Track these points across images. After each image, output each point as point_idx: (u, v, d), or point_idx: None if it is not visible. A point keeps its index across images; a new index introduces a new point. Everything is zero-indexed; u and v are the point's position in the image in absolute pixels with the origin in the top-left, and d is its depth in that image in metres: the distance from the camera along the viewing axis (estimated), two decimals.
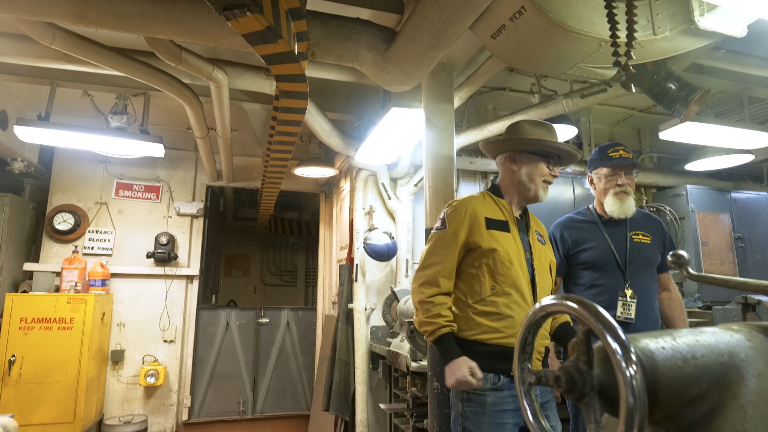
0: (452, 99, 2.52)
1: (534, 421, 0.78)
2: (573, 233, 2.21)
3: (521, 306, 1.67)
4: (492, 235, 1.71)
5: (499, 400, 1.63)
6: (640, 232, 2.16)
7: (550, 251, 1.88)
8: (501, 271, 1.68)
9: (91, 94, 3.72)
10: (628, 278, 2.07)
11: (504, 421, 1.62)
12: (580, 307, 0.71)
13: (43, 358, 3.60)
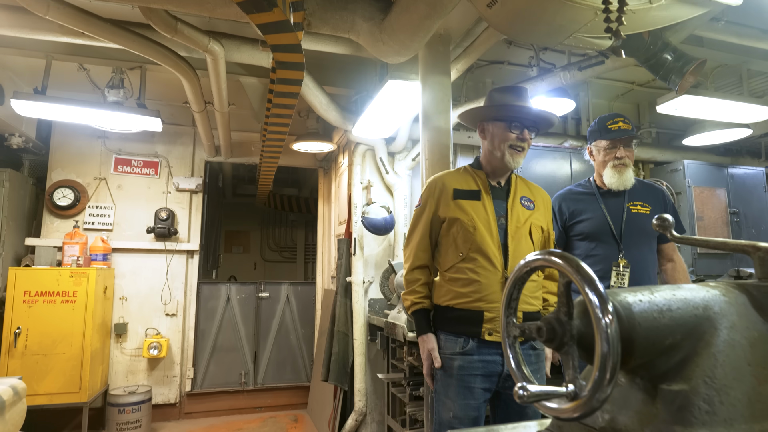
0: (449, 71, 2.51)
1: (517, 370, 0.82)
2: (571, 205, 2.24)
3: (489, 270, 1.70)
4: (458, 205, 1.78)
5: (467, 364, 1.68)
6: (638, 203, 2.16)
7: (542, 216, 1.86)
8: (465, 238, 1.74)
9: (87, 68, 3.70)
10: (623, 248, 2.09)
11: (472, 385, 1.67)
12: (563, 261, 0.75)
13: (48, 330, 3.67)
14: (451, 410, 1.68)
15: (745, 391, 0.72)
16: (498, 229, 1.76)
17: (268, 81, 3.48)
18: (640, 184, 2.23)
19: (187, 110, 4.42)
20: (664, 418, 0.70)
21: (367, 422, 3.59)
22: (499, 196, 1.84)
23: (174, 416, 4.52)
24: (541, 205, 1.89)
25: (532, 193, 1.90)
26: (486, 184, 1.84)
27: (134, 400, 3.94)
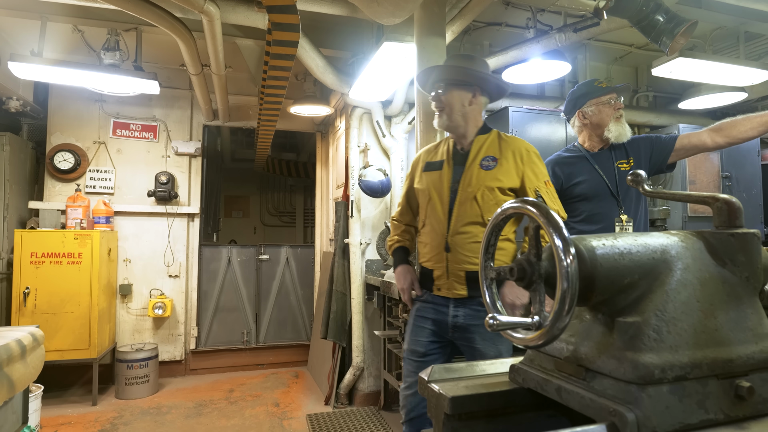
0: (444, 33, 2.51)
1: (492, 306, 0.91)
2: (565, 169, 2.28)
3: (436, 234, 1.91)
4: (423, 177, 2.00)
5: (422, 307, 1.96)
6: (623, 161, 2.23)
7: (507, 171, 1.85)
8: (423, 207, 1.99)
9: (81, 29, 3.67)
10: (622, 204, 2.18)
11: (423, 325, 1.95)
12: (534, 207, 0.82)
13: (56, 290, 3.80)
14: (407, 342, 1.99)
15: (691, 323, 0.81)
16: (450, 195, 1.90)
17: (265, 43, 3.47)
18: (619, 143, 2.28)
19: (184, 73, 4.40)
20: (618, 346, 0.79)
21: (365, 377, 3.77)
22: (460, 161, 1.94)
23: (180, 372, 4.72)
24: (510, 162, 1.87)
25: (500, 149, 1.90)
26: (451, 153, 1.97)
27: (142, 356, 4.11)
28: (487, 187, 1.85)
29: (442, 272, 1.88)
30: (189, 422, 3.52)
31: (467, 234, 1.85)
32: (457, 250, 1.85)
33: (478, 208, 1.84)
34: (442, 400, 0.93)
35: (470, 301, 1.85)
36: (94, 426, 3.46)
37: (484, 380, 1.02)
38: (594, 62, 4.44)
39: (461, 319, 1.86)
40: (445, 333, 1.90)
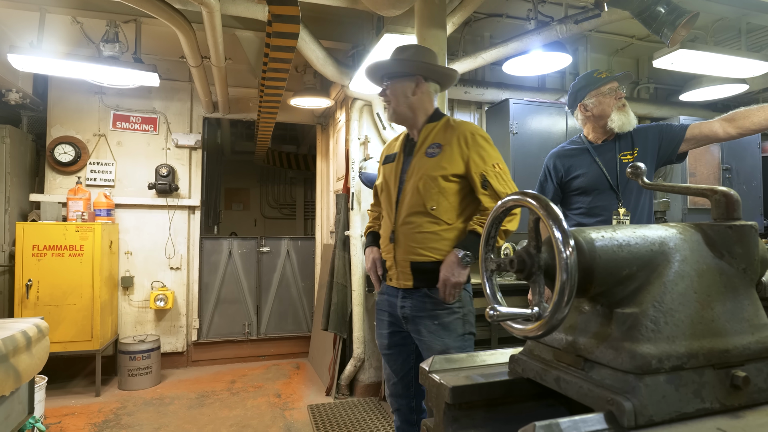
0: (445, 24, 2.51)
1: (492, 298, 0.92)
2: (566, 162, 2.28)
3: (387, 226, 1.94)
4: (382, 170, 2.04)
5: (379, 300, 2.00)
6: (627, 152, 2.20)
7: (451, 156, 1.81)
8: (380, 198, 2.03)
9: (80, 21, 3.65)
10: (621, 198, 2.16)
11: (382, 318, 1.98)
12: (534, 200, 0.83)
13: (58, 282, 3.82)
14: (375, 336, 2.07)
15: (688, 314, 0.82)
16: (399, 185, 1.91)
17: (265, 35, 3.46)
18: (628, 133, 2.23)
19: (183, 65, 4.39)
20: (616, 337, 0.81)
21: (365, 368, 3.80)
22: (409, 151, 1.94)
23: (182, 364, 4.75)
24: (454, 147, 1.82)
25: (445, 135, 1.86)
26: (403, 143, 1.98)
27: (144, 348, 4.14)
28: (428, 175, 1.81)
29: (392, 263, 1.90)
30: (192, 413, 3.56)
31: (411, 224, 1.83)
32: (402, 241, 1.85)
33: (420, 198, 1.81)
34: (443, 389, 0.94)
35: (416, 292, 1.83)
36: (98, 416, 3.49)
37: (483, 370, 1.03)
38: (595, 54, 4.43)
39: (408, 311, 1.85)
40: (400, 323, 1.90)
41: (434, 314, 1.80)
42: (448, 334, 1.79)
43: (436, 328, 1.79)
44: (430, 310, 1.80)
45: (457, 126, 1.87)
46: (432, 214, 1.80)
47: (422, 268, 1.81)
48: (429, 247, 1.80)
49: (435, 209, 1.80)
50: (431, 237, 1.80)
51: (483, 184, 1.79)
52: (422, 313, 1.81)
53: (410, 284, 1.83)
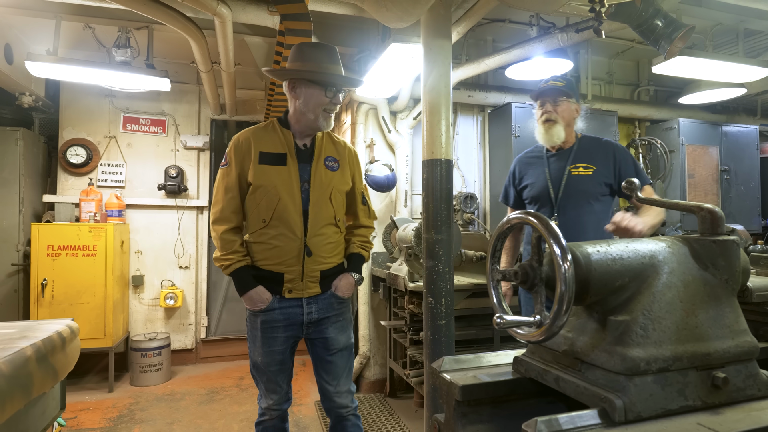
0: (450, 34, 2.58)
1: (498, 306, 1.02)
2: (523, 169, 2.30)
3: (289, 237, 1.82)
4: (263, 171, 1.81)
5: (269, 318, 1.87)
6: (581, 165, 2.14)
7: (346, 174, 1.95)
8: (268, 206, 1.81)
9: (92, 26, 3.74)
10: (556, 212, 2.12)
11: (275, 335, 1.88)
12: (536, 219, 0.92)
13: (72, 281, 3.92)
14: (259, 356, 1.91)
15: (674, 321, 0.91)
16: (301, 194, 1.83)
17: (273, 40, 3.53)
18: (591, 144, 2.19)
19: (192, 68, 4.47)
20: (609, 341, 0.90)
21: (371, 365, 3.90)
22: (304, 159, 1.88)
23: (191, 360, 4.87)
24: (346, 163, 1.96)
25: (337, 150, 1.96)
26: (293, 147, 1.86)
27: (155, 345, 4.25)
28: (337, 188, 1.91)
29: (296, 275, 1.85)
30: (202, 408, 3.67)
31: (323, 236, 1.88)
32: (315, 253, 1.86)
33: (332, 209, 1.89)
34: (453, 388, 1.04)
35: (322, 296, 1.91)
36: (112, 411, 3.61)
37: (490, 370, 1.13)
38: (596, 57, 4.51)
39: (315, 314, 1.90)
40: (298, 331, 1.92)
41: (340, 311, 1.97)
42: (348, 327, 2.00)
43: (341, 323, 1.97)
44: (337, 309, 1.95)
45: (341, 142, 2.01)
46: (337, 224, 1.94)
47: (328, 274, 1.93)
48: (334, 254, 1.95)
49: (339, 220, 1.95)
50: (336, 245, 1.95)
51: (363, 200, 2.05)
52: (330, 313, 1.94)
53: (318, 291, 1.90)
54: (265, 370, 1.92)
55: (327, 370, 1.96)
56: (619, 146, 2.18)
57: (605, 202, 2.14)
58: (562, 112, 2.16)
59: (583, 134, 2.25)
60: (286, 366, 1.94)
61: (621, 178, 2.08)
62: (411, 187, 3.93)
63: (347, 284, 1.95)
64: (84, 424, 3.39)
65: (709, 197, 4.35)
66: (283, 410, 1.99)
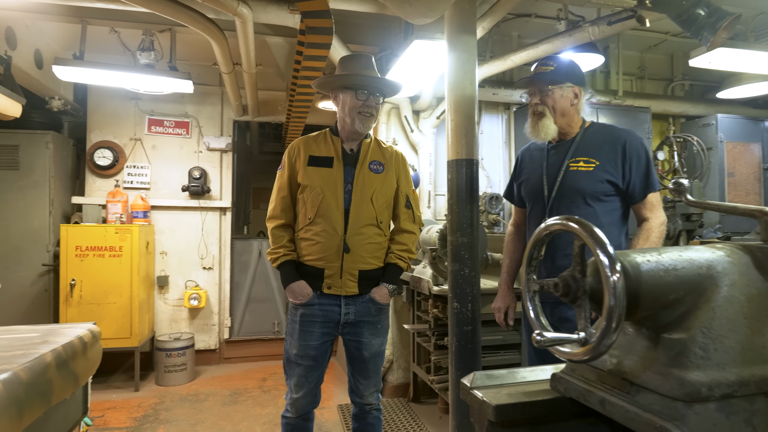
0: (475, 30, 2.49)
1: (536, 320, 0.94)
2: (525, 162, 2.05)
3: (330, 234, 1.93)
4: (310, 172, 1.97)
5: (308, 312, 1.98)
6: (582, 159, 1.84)
7: (391, 178, 2.03)
8: (313, 203, 1.95)
9: (117, 30, 3.78)
10: (549, 212, 1.85)
11: (312, 329, 1.98)
12: (578, 226, 0.84)
13: (99, 281, 3.98)
14: (295, 348, 2.00)
15: (738, 340, 0.82)
16: (344, 195, 1.95)
17: (294, 40, 3.50)
18: (597, 134, 1.88)
19: (214, 70, 4.49)
20: (663, 362, 0.81)
21: (394, 369, 3.84)
22: (350, 162, 2.00)
23: (215, 361, 4.89)
24: (391, 167, 2.05)
25: (384, 155, 2.05)
26: (339, 151, 2.00)
27: (179, 345, 4.28)
28: (380, 191, 2.00)
29: (335, 272, 1.95)
30: (226, 410, 3.67)
31: (364, 235, 1.96)
32: (354, 251, 1.95)
33: (373, 210, 1.97)
34: (486, 407, 0.96)
35: (360, 298, 1.99)
36: (138, 411, 3.64)
37: (525, 388, 1.05)
38: (627, 51, 4.34)
39: (352, 316, 1.99)
40: (335, 330, 2.01)
41: (378, 318, 2.04)
42: (383, 333, 2.07)
43: (377, 329, 2.03)
44: (374, 315, 2.02)
45: (389, 148, 2.09)
46: (380, 226, 2.00)
47: (368, 276, 1.99)
48: (375, 257, 2.01)
49: (382, 222, 2.01)
50: (378, 247, 2.01)
51: (407, 203, 2.09)
52: (367, 317, 2.01)
53: (356, 291, 1.98)
54: (297, 363, 2.00)
55: (357, 369, 2.07)
56: (633, 137, 1.84)
57: (608, 203, 1.83)
58: (553, 103, 1.85)
59: (593, 122, 1.95)
60: (318, 363, 2.01)
61: (629, 176, 1.80)
62: (434, 187, 3.85)
63: (382, 294, 2.02)
64: (110, 423, 3.42)
65: (750, 197, 4.13)
66: (308, 410, 2.05)
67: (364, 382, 2.07)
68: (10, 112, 3.27)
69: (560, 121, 1.88)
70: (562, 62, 1.90)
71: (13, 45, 3.50)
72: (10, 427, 1.02)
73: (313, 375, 2.02)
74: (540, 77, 1.87)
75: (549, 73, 1.86)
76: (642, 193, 1.82)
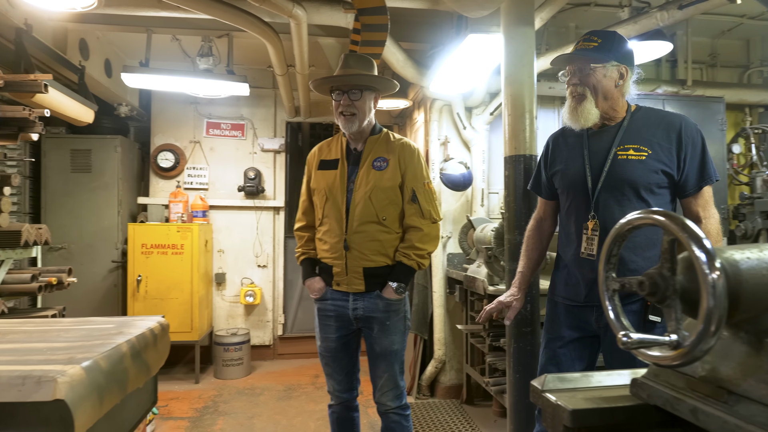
0: (533, 21, 2.41)
1: (616, 321, 0.88)
2: (557, 149, 1.82)
3: (335, 233, 2.01)
4: (319, 176, 2.07)
5: (323, 307, 2.09)
6: (632, 146, 1.63)
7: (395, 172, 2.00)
8: (320, 205, 2.05)
9: (179, 38, 3.95)
10: (594, 206, 1.65)
11: (328, 323, 2.08)
12: (666, 219, 0.77)
13: (162, 278, 4.18)
14: (318, 340, 2.12)
15: None
16: (347, 194, 2.00)
17: (346, 41, 3.52)
18: (647, 119, 1.67)
19: (268, 73, 4.61)
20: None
21: (446, 369, 3.79)
22: (354, 161, 2.05)
23: (269, 356, 5.02)
24: (395, 161, 2.02)
25: (388, 149, 2.04)
26: (345, 152, 2.06)
27: (236, 340, 4.42)
28: (379, 187, 1.98)
29: (342, 269, 2.01)
30: (281, 404, 3.75)
31: (364, 233, 1.98)
32: (355, 249, 1.99)
33: (373, 208, 1.98)
34: (561, 411, 0.91)
35: (368, 295, 2.03)
36: (198, 402, 3.79)
37: (602, 393, 0.98)
38: (697, 37, 4.06)
39: (361, 311, 2.03)
40: (349, 324, 2.07)
41: (386, 314, 2.04)
42: (395, 331, 2.06)
43: (387, 327, 2.04)
44: (382, 311, 2.03)
45: (398, 141, 2.08)
46: (383, 223, 2.00)
47: (374, 273, 2.01)
48: (381, 254, 2.01)
49: (386, 219, 2.00)
50: (381, 245, 2.01)
51: (413, 197, 2.03)
52: (375, 313, 2.03)
53: (362, 288, 2.02)
54: (322, 355, 2.12)
55: (373, 366, 2.11)
56: (688, 123, 1.63)
57: (661, 196, 1.63)
58: (595, 83, 1.62)
59: (640, 106, 1.71)
60: (339, 356, 2.09)
61: (683, 166, 1.60)
62: (488, 185, 3.76)
63: (389, 292, 2.04)
64: (174, 412, 3.58)
65: None
66: (345, 399, 2.15)
67: (376, 381, 2.09)
68: (84, 118, 3.49)
69: (603, 105, 1.65)
70: (608, 37, 1.66)
71: (86, 55, 3.74)
72: (92, 412, 1.06)
73: (339, 366, 2.10)
74: (581, 54, 1.64)
75: (592, 50, 1.62)
76: (696, 185, 1.62)
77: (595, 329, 1.71)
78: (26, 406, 0.92)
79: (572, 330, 1.75)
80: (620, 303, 0.90)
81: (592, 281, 1.67)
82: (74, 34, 3.57)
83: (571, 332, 1.75)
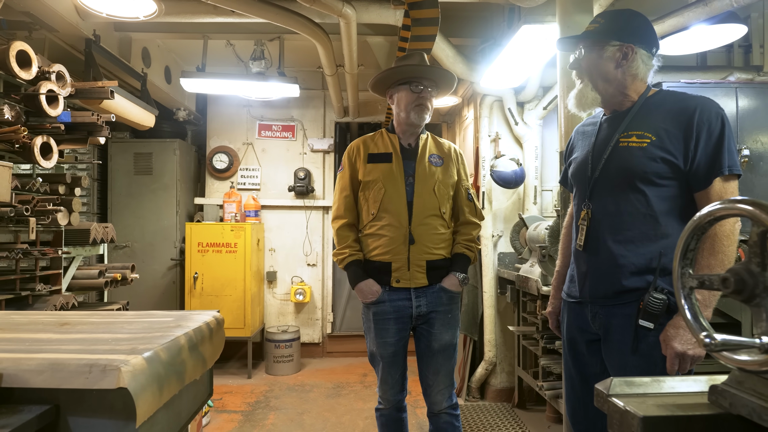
0: (591, 8, 2.30)
1: (694, 321, 0.80)
2: (577, 139, 1.72)
3: (395, 227, 1.96)
4: (371, 168, 2.02)
5: (380, 310, 2.00)
6: (635, 133, 1.47)
7: (451, 170, 2.06)
8: (375, 199, 1.99)
9: (233, 43, 4.09)
10: (589, 195, 1.54)
11: (386, 326, 2.00)
12: (755, 208, 0.70)
13: (217, 275, 4.34)
14: (374, 346, 2.05)
15: None
16: (406, 187, 1.99)
17: (394, 38, 3.52)
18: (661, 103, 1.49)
19: (317, 74, 4.68)
20: None
21: (497, 372, 3.69)
22: (409, 156, 2.04)
23: (318, 354, 5.10)
24: (450, 161, 2.08)
25: (441, 149, 2.10)
26: (397, 147, 2.04)
27: (286, 337, 4.52)
28: (441, 182, 2.02)
29: (403, 264, 1.96)
30: (330, 402, 3.79)
31: (428, 225, 1.98)
32: (420, 242, 1.96)
33: (436, 201, 2.00)
34: (630, 418, 0.84)
35: (429, 289, 2.00)
36: (251, 397, 3.90)
37: (675, 399, 0.90)
38: None
39: (424, 308, 2.00)
40: (408, 324, 2.02)
41: (449, 307, 2.03)
42: (455, 326, 2.06)
43: (449, 320, 2.02)
44: (446, 305, 2.02)
45: (445, 143, 2.15)
46: (444, 217, 2.02)
47: (436, 266, 2.00)
48: (441, 247, 2.02)
49: (445, 213, 2.03)
50: (442, 237, 2.02)
51: (469, 196, 2.11)
52: (438, 307, 2.00)
53: (425, 282, 1.99)
54: (379, 361, 2.06)
55: (427, 364, 2.05)
56: (706, 106, 1.41)
57: (664, 188, 1.43)
58: (590, 65, 1.51)
59: (661, 89, 1.54)
60: (398, 358, 2.05)
61: (693, 154, 1.39)
62: (541, 182, 3.63)
63: (453, 282, 2.03)
64: (227, 406, 3.70)
65: None
66: (397, 401, 2.11)
67: (432, 378, 2.04)
68: (146, 122, 3.68)
69: (603, 88, 1.52)
70: (613, 17, 1.53)
71: (148, 63, 3.94)
72: (153, 401, 1.09)
73: (396, 369, 2.07)
74: (580, 38, 1.54)
75: (591, 32, 1.51)
76: (705, 176, 1.38)
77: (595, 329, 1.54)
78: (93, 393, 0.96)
79: (578, 329, 1.59)
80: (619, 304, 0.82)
81: (584, 275, 1.53)
82: (138, 43, 3.78)
83: (577, 332, 1.59)
